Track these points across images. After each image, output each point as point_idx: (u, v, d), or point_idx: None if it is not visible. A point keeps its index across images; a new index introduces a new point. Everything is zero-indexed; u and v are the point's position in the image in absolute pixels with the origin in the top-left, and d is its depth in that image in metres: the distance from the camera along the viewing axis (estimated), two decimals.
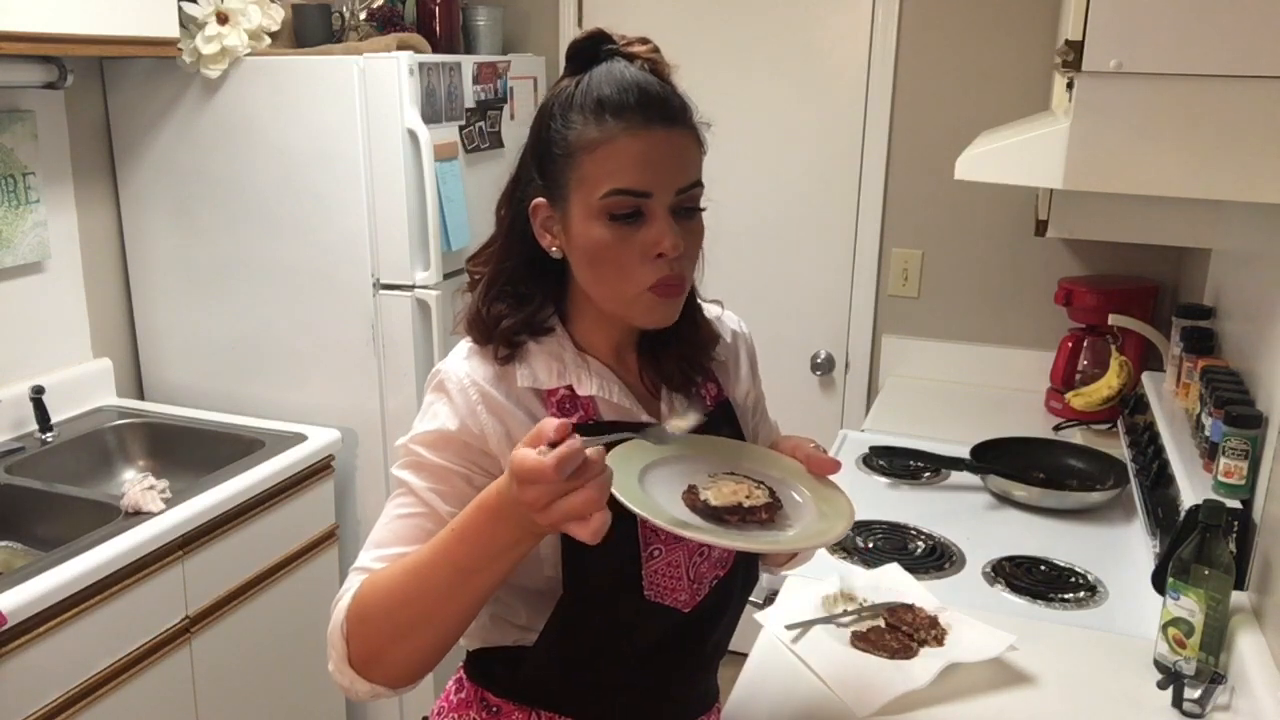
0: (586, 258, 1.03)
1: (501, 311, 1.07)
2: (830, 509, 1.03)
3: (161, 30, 2.16)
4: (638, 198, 0.99)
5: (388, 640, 0.98)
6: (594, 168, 1.00)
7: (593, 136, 0.99)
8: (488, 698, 1.15)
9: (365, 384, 2.40)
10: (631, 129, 0.99)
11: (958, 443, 2.16)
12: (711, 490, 1.00)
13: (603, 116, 0.99)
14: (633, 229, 1.00)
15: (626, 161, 0.99)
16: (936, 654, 1.40)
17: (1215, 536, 1.35)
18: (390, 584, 0.97)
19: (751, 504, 0.99)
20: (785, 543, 1.02)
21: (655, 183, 0.99)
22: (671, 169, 1.00)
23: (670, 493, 1.00)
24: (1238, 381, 1.69)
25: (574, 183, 1.01)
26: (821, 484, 1.08)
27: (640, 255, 1.00)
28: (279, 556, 2.18)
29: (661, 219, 1.00)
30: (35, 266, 2.27)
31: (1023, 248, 2.69)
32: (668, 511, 0.95)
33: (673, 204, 1.01)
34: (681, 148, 1.02)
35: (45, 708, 1.65)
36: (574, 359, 1.09)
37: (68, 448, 2.22)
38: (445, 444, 1.04)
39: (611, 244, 1.00)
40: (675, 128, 1.01)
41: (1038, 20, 2.56)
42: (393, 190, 2.28)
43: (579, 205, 1.01)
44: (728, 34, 2.83)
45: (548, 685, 1.12)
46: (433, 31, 2.62)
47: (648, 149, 0.99)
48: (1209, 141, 1.28)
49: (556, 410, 1.07)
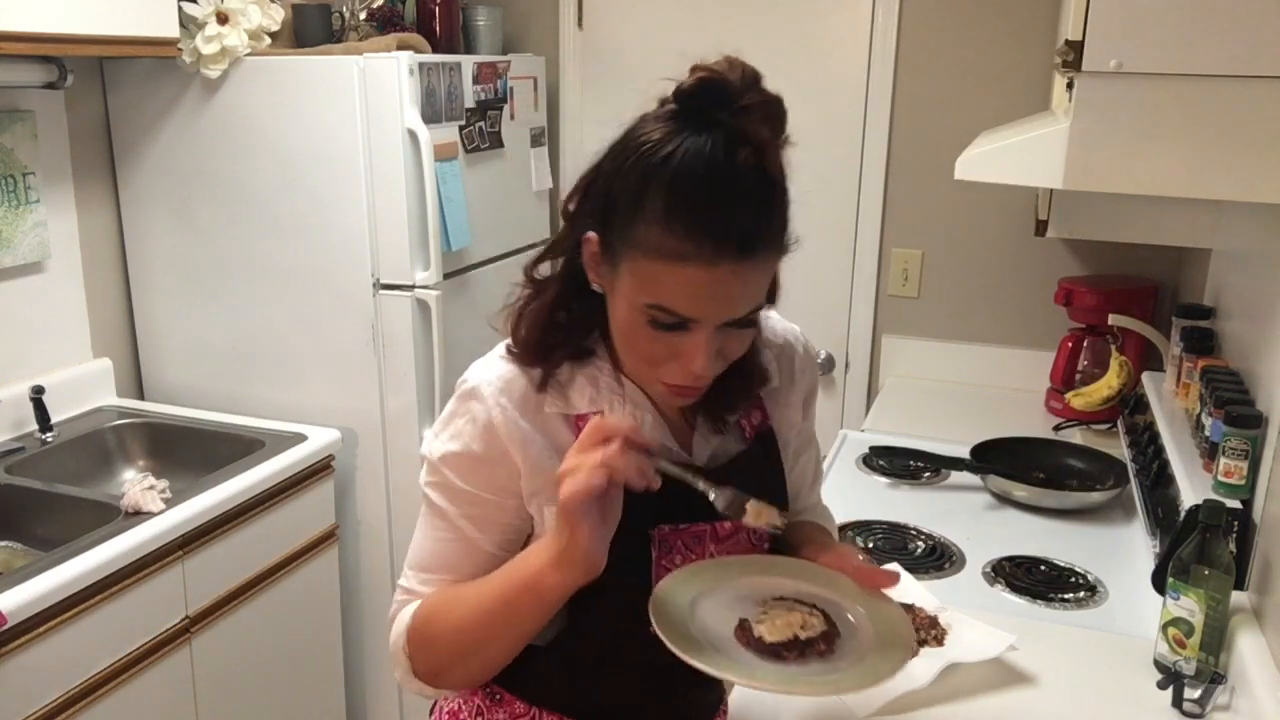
0: (618, 329, 0.98)
1: (554, 337, 1.03)
2: (888, 631, 0.99)
3: (161, 30, 2.16)
4: (679, 318, 0.91)
5: (449, 665, 1.05)
6: (648, 270, 0.90)
7: (655, 239, 0.88)
8: (491, 686, 1.14)
9: (365, 384, 2.40)
10: (699, 254, 0.87)
11: (958, 443, 2.16)
12: (765, 625, 0.96)
13: (673, 221, 0.87)
14: (670, 336, 0.93)
15: (678, 285, 0.89)
16: (936, 654, 1.40)
17: (1215, 536, 1.35)
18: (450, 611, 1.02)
19: (808, 635, 0.95)
20: (847, 686, 0.95)
21: (705, 314, 0.91)
22: (730, 303, 0.91)
23: (723, 626, 0.98)
24: (1238, 381, 1.69)
25: (625, 263, 0.93)
26: (876, 601, 1.03)
27: (671, 356, 0.94)
28: (279, 556, 2.18)
29: (700, 343, 0.92)
30: (35, 266, 2.27)
31: (1023, 248, 2.69)
32: (725, 657, 0.93)
33: (721, 323, 0.93)
34: (749, 281, 0.91)
35: (45, 708, 1.65)
36: (610, 384, 1.04)
37: (68, 448, 2.22)
38: (471, 469, 1.03)
39: (642, 338, 0.95)
40: (748, 260, 0.89)
41: (1038, 20, 2.56)
42: (393, 190, 2.27)
43: (625, 283, 0.94)
44: (727, 34, 2.82)
45: (554, 686, 1.12)
46: (433, 31, 2.62)
47: (707, 283, 0.88)
48: (1209, 141, 1.28)
49: None
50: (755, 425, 1.13)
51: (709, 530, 1.07)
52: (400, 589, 1.09)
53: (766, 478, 1.13)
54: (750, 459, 1.11)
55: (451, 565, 1.06)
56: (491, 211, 2.57)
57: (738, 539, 1.09)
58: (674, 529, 1.05)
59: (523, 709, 1.13)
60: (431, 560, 1.07)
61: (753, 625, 0.97)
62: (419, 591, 1.07)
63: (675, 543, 1.05)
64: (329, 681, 2.43)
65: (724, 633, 0.97)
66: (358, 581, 2.52)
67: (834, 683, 0.95)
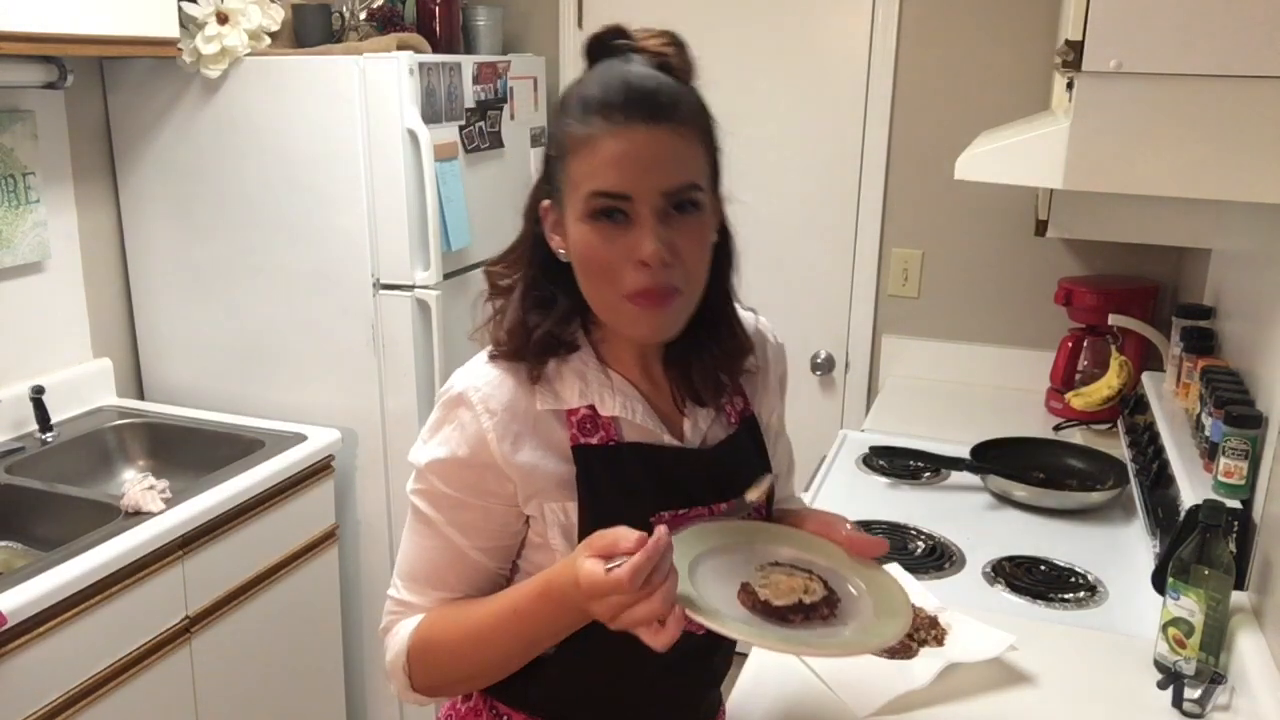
0: (578, 261, 1.00)
1: (535, 321, 1.04)
2: (885, 597, 1.00)
3: (161, 30, 2.16)
4: (617, 199, 0.95)
5: (452, 681, 1.07)
6: (579, 167, 0.96)
7: (579, 135, 0.96)
8: (497, 706, 1.14)
9: (365, 384, 2.40)
10: (612, 127, 0.94)
11: (958, 443, 2.16)
12: (769, 588, 0.97)
13: (589, 114, 0.95)
14: (618, 231, 0.96)
15: (605, 161, 0.94)
16: (936, 654, 1.40)
17: (1215, 536, 1.35)
18: (451, 640, 1.03)
19: (812, 600, 0.96)
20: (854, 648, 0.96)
21: (635, 185, 0.94)
22: (655, 170, 0.94)
23: (724, 591, 0.98)
24: (1238, 381, 1.69)
25: (566, 184, 0.98)
26: (867, 568, 1.05)
27: (624, 260, 0.96)
28: (279, 556, 2.18)
29: (644, 223, 0.95)
30: (35, 266, 2.27)
31: (1023, 248, 2.69)
32: (732, 618, 0.93)
33: (660, 206, 0.95)
34: (669, 147, 0.95)
35: (45, 708, 1.65)
36: (598, 376, 1.05)
37: (68, 448, 2.22)
38: (457, 475, 1.03)
39: (596, 246, 0.97)
40: (661, 125, 0.95)
41: (1038, 20, 2.56)
42: (393, 190, 2.27)
43: (571, 207, 0.98)
44: (728, 34, 2.83)
45: (557, 696, 1.11)
46: (433, 31, 2.62)
47: (627, 149, 0.94)
48: (1209, 141, 1.28)
49: (578, 430, 1.04)
50: (739, 411, 1.15)
51: (706, 514, 1.08)
52: (390, 600, 1.09)
53: (754, 459, 1.15)
54: (738, 442, 1.13)
55: (440, 574, 1.06)
56: (491, 211, 2.57)
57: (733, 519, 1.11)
58: (674, 515, 1.06)
59: None
60: (420, 570, 1.07)
61: (756, 589, 0.97)
62: (410, 602, 1.07)
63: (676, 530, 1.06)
64: (329, 681, 2.43)
65: (726, 596, 0.97)
66: (358, 581, 2.52)
67: (843, 644, 0.96)
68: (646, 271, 0.95)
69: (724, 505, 1.09)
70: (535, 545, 1.06)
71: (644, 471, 1.04)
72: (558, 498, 1.03)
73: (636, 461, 1.04)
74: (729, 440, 1.12)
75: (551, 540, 1.04)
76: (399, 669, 1.06)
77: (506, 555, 1.07)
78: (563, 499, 1.03)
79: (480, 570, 1.06)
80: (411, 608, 1.07)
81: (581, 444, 1.03)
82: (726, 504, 1.09)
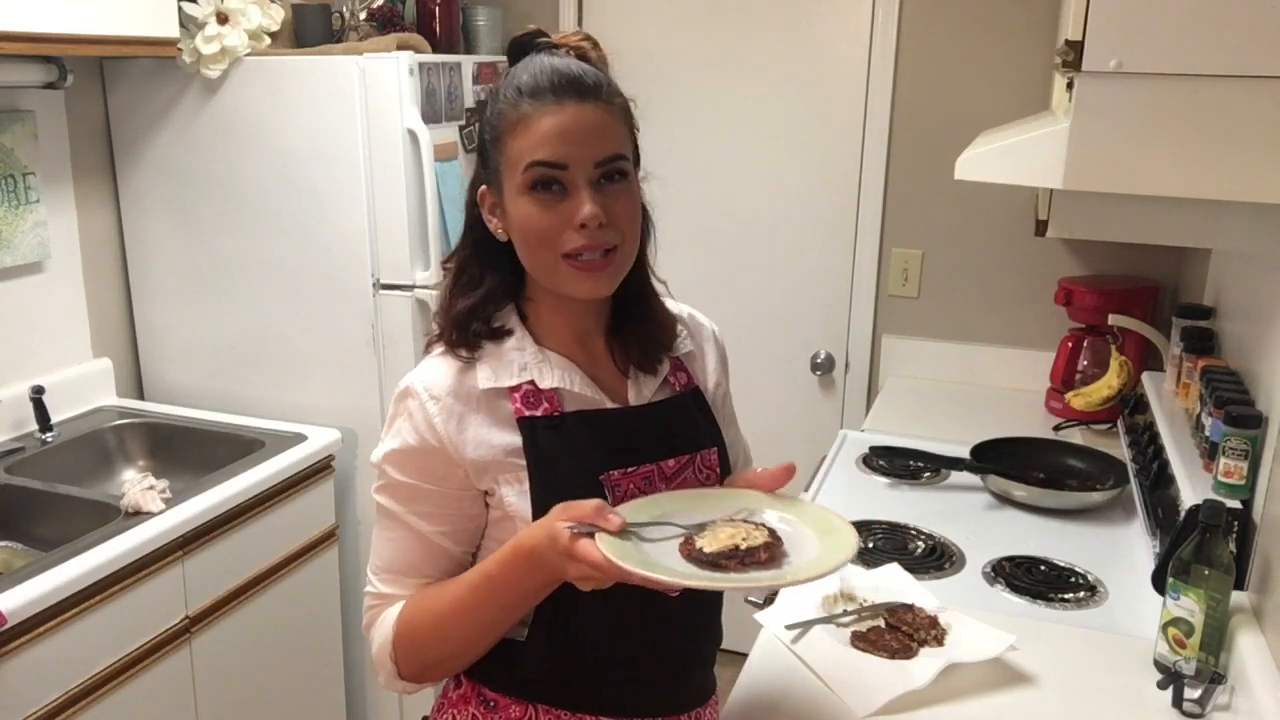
0: (518, 234, 1.07)
1: (463, 302, 1.12)
2: (834, 541, 1.02)
3: (161, 30, 2.16)
4: (555, 169, 1.03)
5: (436, 661, 1.11)
6: (515, 145, 1.04)
7: (512, 117, 1.05)
8: (485, 693, 1.16)
9: (365, 384, 2.40)
10: (544, 107, 1.03)
11: (958, 443, 2.16)
12: (706, 537, 1.00)
13: (520, 99, 1.05)
14: (555, 200, 1.04)
15: (541, 136, 1.03)
16: (936, 654, 1.40)
17: (1215, 536, 1.35)
18: (432, 618, 1.08)
19: (749, 545, 0.98)
20: (776, 580, 1.01)
21: (570, 155, 1.03)
22: (587, 142, 1.04)
23: (668, 547, 1.00)
24: (1238, 381, 1.69)
25: (504, 164, 1.06)
26: (824, 515, 1.06)
27: (563, 225, 1.04)
28: (279, 556, 2.18)
29: (581, 190, 1.03)
30: (35, 266, 2.27)
31: (1023, 248, 2.69)
32: (664, 564, 0.96)
33: (593, 176, 1.04)
34: (597, 122, 1.05)
35: (45, 708, 1.65)
36: (534, 355, 1.12)
37: (68, 448, 2.22)
38: (409, 461, 1.10)
39: (535, 215, 1.04)
40: (588, 102, 1.05)
41: (1038, 20, 2.56)
42: (393, 190, 2.27)
43: (509, 184, 1.06)
44: (727, 34, 2.83)
45: (543, 678, 1.13)
46: (433, 31, 2.62)
47: (561, 123, 1.03)
48: (1209, 141, 1.28)
49: (521, 404, 1.10)
50: (683, 384, 1.21)
51: (655, 470, 1.13)
52: (368, 596, 1.15)
53: (700, 423, 1.20)
54: (681, 403, 1.19)
55: (410, 562, 1.11)
56: None
57: (685, 476, 1.15)
58: (624, 473, 1.10)
59: (519, 712, 1.14)
60: (391, 561, 1.13)
61: (695, 539, 1.00)
62: (385, 593, 1.12)
63: (627, 487, 1.10)
64: (329, 681, 2.43)
65: (669, 550, 1.00)
66: (358, 581, 2.52)
67: (770, 579, 0.99)
68: (585, 232, 1.04)
69: (672, 461, 1.14)
70: (496, 521, 1.11)
71: (590, 436, 1.10)
72: (509, 468, 1.08)
73: (581, 426, 1.10)
74: (671, 399, 1.18)
75: (510, 509, 1.08)
76: (385, 657, 1.11)
77: (470, 539, 1.13)
78: (515, 469, 1.08)
79: (447, 556, 1.12)
80: (389, 599, 1.12)
81: (526, 416, 1.09)
82: (675, 460, 1.14)
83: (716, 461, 1.18)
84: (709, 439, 1.19)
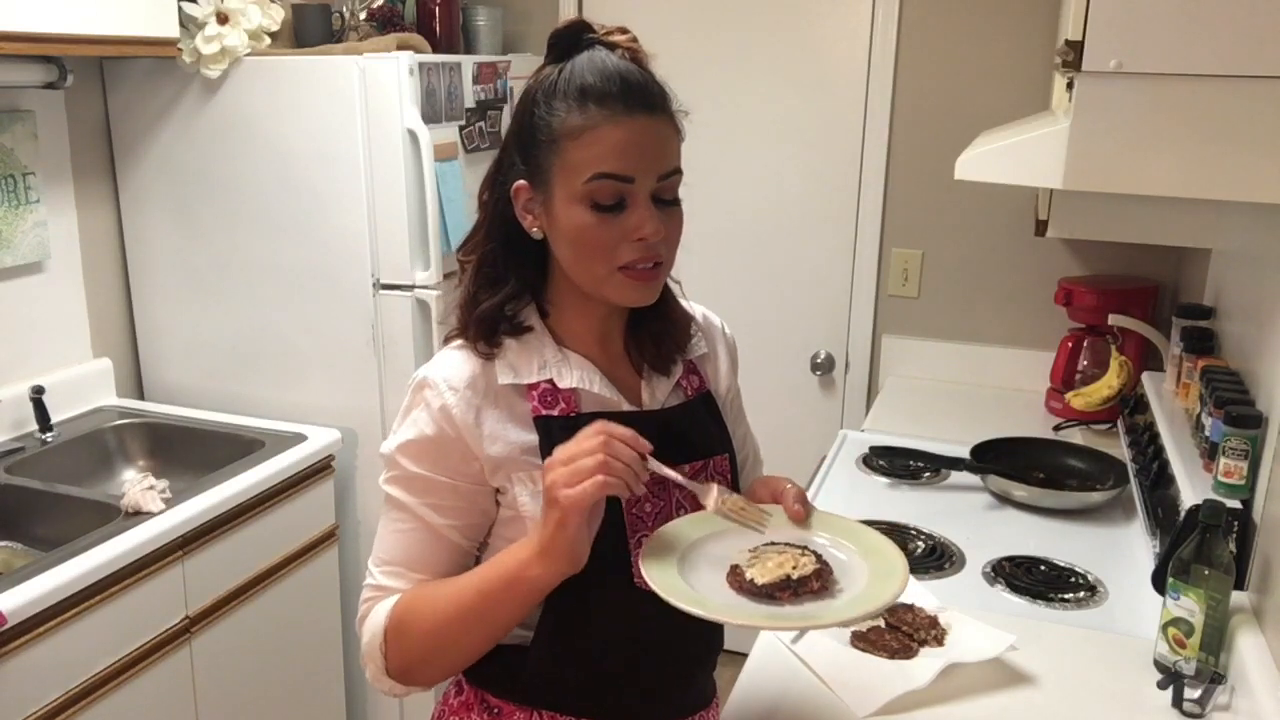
0: (568, 240, 1.05)
1: (484, 297, 1.11)
2: (882, 564, 1.00)
3: (161, 30, 2.16)
4: (621, 183, 1.01)
5: (424, 657, 1.08)
6: (578, 153, 1.02)
7: (577, 123, 1.01)
8: (488, 699, 1.15)
9: (365, 384, 2.40)
10: (614, 116, 1.01)
11: (958, 443, 2.16)
12: (756, 568, 0.97)
13: (586, 104, 1.01)
14: (615, 214, 1.02)
15: (610, 147, 1.01)
16: (936, 654, 1.40)
17: (1215, 536, 1.35)
18: (426, 612, 1.05)
19: (800, 574, 0.96)
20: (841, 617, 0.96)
21: (638, 168, 1.02)
22: (653, 156, 1.03)
23: (715, 576, 0.98)
24: (1238, 381, 1.69)
25: (558, 167, 1.03)
26: (866, 535, 1.05)
27: (621, 238, 1.03)
28: (279, 556, 2.18)
29: (644, 205, 1.03)
30: (35, 266, 2.27)
31: (1023, 248, 2.69)
32: (715, 601, 0.94)
33: (654, 190, 1.03)
34: (662, 135, 1.04)
35: (45, 708, 1.65)
36: (554, 354, 1.11)
37: (68, 448, 2.22)
38: (425, 452, 1.07)
39: (594, 227, 1.03)
40: (656, 115, 1.04)
41: (1038, 20, 2.56)
42: (393, 190, 2.27)
43: (562, 189, 1.03)
44: (728, 34, 2.83)
45: (546, 683, 1.12)
46: (433, 31, 2.62)
47: (630, 136, 1.01)
48: (1209, 141, 1.28)
49: (539, 403, 1.09)
50: (695, 388, 1.21)
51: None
52: (367, 588, 1.12)
53: (712, 429, 1.19)
54: (693, 408, 1.18)
55: (415, 555, 1.09)
56: None
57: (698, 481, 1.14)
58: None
59: (522, 718, 1.13)
60: (395, 553, 1.10)
61: (744, 570, 0.98)
62: (385, 585, 1.10)
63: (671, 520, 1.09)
64: (329, 681, 2.43)
65: (716, 581, 0.98)
66: (358, 581, 2.51)
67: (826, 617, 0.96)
68: (641, 245, 1.03)
69: (686, 467, 1.12)
70: (505, 520, 1.10)
71: None
72: (524, 466, 1.07)
73: None
74: (685, 405, 1.18)
75: (522, 509, 1.07)
76: (375, 650, 1.09)
77: (478, 534, 1.11)
78: (529, 468, 1.07)
79: (456, 551, 1.10)
80: (388, 591, 1.10)
81: (543, 415, 1.08)
82: (690, 465, 1.13)
83: (728, 468, 1.18)
84: (720, 445, 1.18)
